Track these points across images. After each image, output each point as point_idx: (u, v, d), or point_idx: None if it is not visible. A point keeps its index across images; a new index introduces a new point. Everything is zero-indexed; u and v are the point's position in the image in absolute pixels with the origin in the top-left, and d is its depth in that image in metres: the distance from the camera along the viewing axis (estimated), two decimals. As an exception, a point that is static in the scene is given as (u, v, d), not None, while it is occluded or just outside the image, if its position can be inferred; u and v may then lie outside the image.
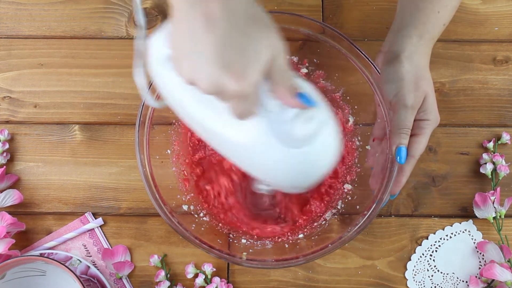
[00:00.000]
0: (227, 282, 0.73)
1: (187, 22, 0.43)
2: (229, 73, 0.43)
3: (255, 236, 0.71)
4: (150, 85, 0.63)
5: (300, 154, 0.50)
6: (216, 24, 0.42)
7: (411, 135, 0.65)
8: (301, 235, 0.71)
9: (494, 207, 0.74)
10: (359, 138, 0.74)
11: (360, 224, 0.65)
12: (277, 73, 0.46)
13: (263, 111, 0.48)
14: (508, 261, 0.72)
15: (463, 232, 0.76)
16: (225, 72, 0.43)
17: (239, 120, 0.47)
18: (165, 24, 0.50)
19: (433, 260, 0.74)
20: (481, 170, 0.77)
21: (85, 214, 0.75)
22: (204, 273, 0.72)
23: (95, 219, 0.75)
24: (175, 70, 0.46)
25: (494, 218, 0.74)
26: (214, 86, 0.44)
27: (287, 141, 0.49)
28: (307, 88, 0.50)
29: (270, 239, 0.71)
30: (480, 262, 0.74)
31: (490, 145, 0.78)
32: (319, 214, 0.73)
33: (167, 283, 0.72)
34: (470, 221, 0.76)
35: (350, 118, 0.75)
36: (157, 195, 0.66)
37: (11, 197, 0.74)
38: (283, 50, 0.45)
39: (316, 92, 0.51)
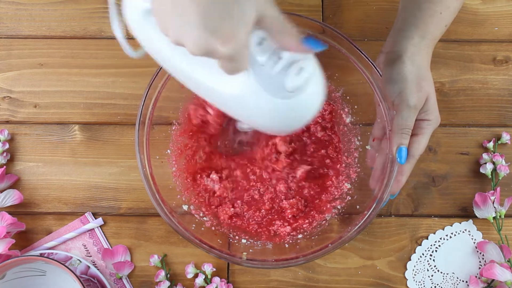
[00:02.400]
0: (227, 282, 0.73)
1: None
2: (216, 36, 0.43)
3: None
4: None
5: (289, 103, 0.51)
6: None
7: (412, 135, 0.65)
8: (300, 236, 0.71)
9: (494, 207, 0.74)
10: (359, 138, 0.74)
11: (360, 224, 0.65)
12: (273, 23, 0.46)
13: (253, 64, 0.49)
14: (508, 261, 0.72)
15: (463, 232, 0.76)
16: (212, 35, 0.43)
17: (229, 75, 0.48)
18: None
19: (433, 260, 0.74)
20: (481, 170, 0.77)
21: (85, 214, 0.76)
22: (204, 273, 0.72)
23: (95, 219, 0.75)
24: (160, 28, 0.46)
25: (494, 218, 0.74)
26: (202, 49, 0.44)
27: (277, 92, 0.50)
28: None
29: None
30: (480, 262, 0.75)
31: (490, 145, 0.78)
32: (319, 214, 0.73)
33: (167, 283, 0.72)
34: (470, 221, 0.76)
35: (349, 118, 0.76)
36: (157, 195, 0.66)
37: (11, 197, 0.74)
38: (270, 2, 0.46)
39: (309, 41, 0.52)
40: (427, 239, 0.75)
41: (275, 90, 0.50)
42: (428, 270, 0.74)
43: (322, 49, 0.49)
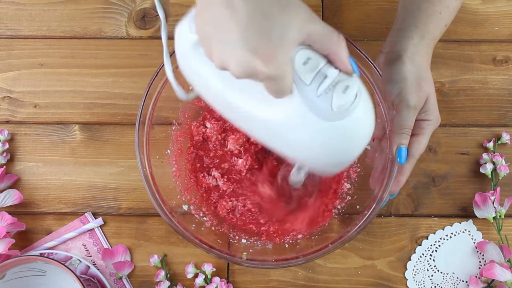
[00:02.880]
0: (227, 282, 0.73)
1: (209, 7, 0.44)
2: (258, 57, 0.43)
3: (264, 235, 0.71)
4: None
5: (337, 127, 0.49)
6: (237, 8, 0.42)
7: (412, 135, 0.65)
8: (300, 235, 0.71)
9: (494, 207, 0.74)
10: (359, 138, 0.74)
11: (360, 224, 0.65)
12: (324, 39, 0.46)
13: (299, 85, 0.47)
14: (508, 261, 0.72)
15: (463, 232, 0.76)
16: (253, 55, 0.43)
17: (275, 98, 0.47)
18: (188, 12, 0.50)
19: (433, 260, 0.74)
20: (481, 170, 0.77)
21: (85, 214, 0.76)
22: (204, 273, 0.72)
23: (95, 219, 0.75)
24: (206, 55, 0.46)
25: (494, 218, 0.74)
26: (245, 71, 0.44)
27: (324, 114, 0.48)
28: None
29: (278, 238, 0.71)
30: (480, 262, 0.75)
31: (490, 145, 0.78)
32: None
33: (167, 283, 0.72)
34: (470, 221, 0.76)
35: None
36: (157, 195, 0.66)
37: (11, 197, 0.74)
38: (313, 18, 0.45)
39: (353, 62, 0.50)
40: (427, 239, 0.75)
41: (321, 110, 0.48)
42: (428, 270, 0.74)
43: (358, 74, 0.48)
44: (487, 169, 0.76)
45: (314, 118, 0.48)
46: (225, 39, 0.44)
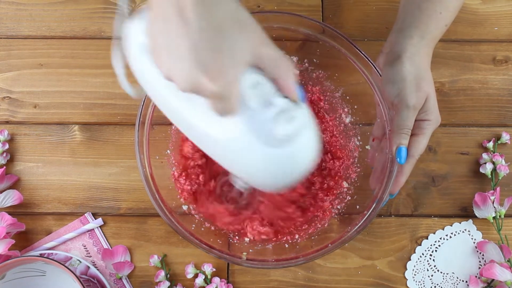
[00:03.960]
0: (227, 282, 0.73)
1: (163, 17, 0.43)
2: (205, 73, 0.42)
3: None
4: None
5: (279, 154, 0.49)
6: (190, 23, 0.41)
7: (412, 135, 0.65)
8: (296, 235, 0.71)
9: (494, 207, 0.74)
10: (359, 138, 0.74)
11: (360, 224, 0.65)
12: (274, 63, 0.46)
13: (244, 108, 0.48)
14: (508, 261, 0.72)
15: (463, 232, 0.76)
16: (200, 72, 0.42)
17: (219, 116, 0.47)
18: (144, 10, 0.49)
19: (433, 260, 0.74)
20: (481, 170, 0.77)
21: (85, 214, 0.75)
22: (204, 273, 0.72)
23: (95, 219, 0.75)
24: (155, 62, 0.46)
25: (494, 218, 0.74)
26: (190, 86, 0.43)
27: (267, 140, 0.49)
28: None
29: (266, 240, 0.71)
30: (480, 262, 0.75)
31: (490, 145, 0.78)
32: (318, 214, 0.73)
33: (167, 283, 0.72)
34: (470, 221, 0.76)
35: (349, 118, 0.76)
36: (157, 195, 0.66)
37: (11, 198, 0.74)
38: (267, 42, 0.45)
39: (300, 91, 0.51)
40: (427, 239, 0.75)
41: (265, 136, 0.48)
42: (428, 270, 0.74)
43: (301, 103, 0.49)
44: (487, 169, 0.76)
45: (256, 143, 0.49)
46: (174, 51, 0.43)
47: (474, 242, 0.75)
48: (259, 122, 0.48)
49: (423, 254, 0.75)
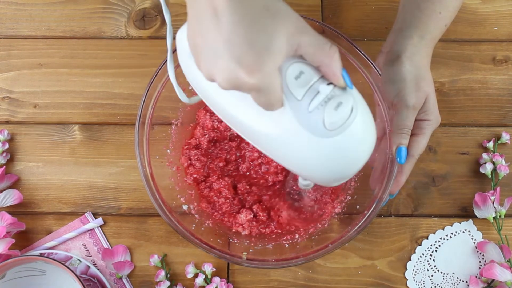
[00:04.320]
0: (227, 282, 0.73)
1: (196, 17, 0.43)
2: (242, 67, 0.42)
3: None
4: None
5: (332, 143, 0.47)
6: (223, 18, 0.41)
7: (412, 135, 0.65)
8: (296, 235, 0.71)
9: (494, 207, 0.74)
10: (359, 138, 0.74)
11: (360, 224, 0.65)
12: (315, 50, 0.44)
13: (290, 99, 0.46)
14: (508, 261, 0.72)
15: (463, 232, 0.76)
16: (238, 66, 0.42)
17: (265, 111, 0.46)
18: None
19: (433, 260, 0.74)
20: (481, 170, 0.77)
21: (85, 214, 0.76)
22: (204, 273, 0.72)
23: (95, 219, 0.75)
24: (196, 65, 0.46)
25: (494, 218, 0.74)
26: (230, 82, 0.43)
27: (316, 130, 0.46)
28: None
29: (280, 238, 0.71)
30: (480, 262, 0.75)
31: (490, 145, 0.78)
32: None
33: (167, 283, 0.72)
34: (470, 221, 0.76)
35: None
36: (157, 195, 0.66)
37: (11, 197, 0.74)
38: (305, 28, 0.44)
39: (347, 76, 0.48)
40: (427, 239, 0.75)
41: (313, 127, 0.46)
42: (428, 270, 0.74)
43: (351, 89, 0.47)
44: (487, 169, 0.76)
45: (307, 134, 0.47)
46: (211, 50, 0.43)
47: (474, 242, 0.75)
48: (306, 112, 0.46)
49: (423, 254, 0.75)
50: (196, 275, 0.72)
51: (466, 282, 0.74)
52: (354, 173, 0.51)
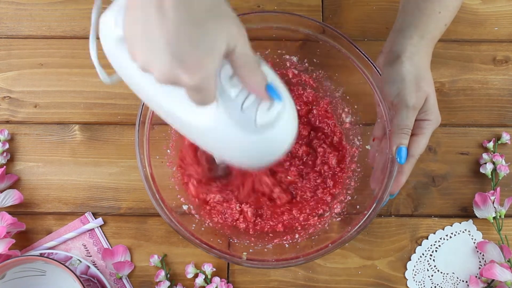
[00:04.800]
0: (227, 282, 0.73)
1: (141, 7, 0.43)
2: (182, 66, 0.42)
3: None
4: None
5: (259, 138, 0.51)
6: (168, 15, 0.41)
7: (412, 135, 0.65)
8: (296, 235, 0.71)
9: (494, 207, 0.74)
10: (359, 138, 0.74)
11: (360, 224, 0.65)
12: (241, 61, 0.46)
13: (223, 96, 0.48)
14: (508, 261, 0.72)
15: (463, 232, 0.76)
16: (178, 64, 0.42)
17: (197, 106, 0.47)
18: (114, 1, 0.49)
19: (433, 260, 0.74)
20: (481, 170, 0.77)
21: (85, 214, 0.76)
22: (204, 273, 0.72)
23: (95, 219, 0.75)
24: (130, 53, 0.46)
25: (494, 218, 0.74)
26: (167, 78, 0.43)
27: (247, 127, 0.50)
28: (271, 75, 0.50)
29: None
30: (480, 262, 0.75)
31: (490, 145, 0.78)
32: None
33: (167, 283, 0.72)
34: (470, 221, 0.76)
35: (349, 118, 0.76)
36: (157, 195, 0.66)
37: (11, 197, 0.74)
38: (242, 37, 0.45)
39: (277, 78, 0.51)
40: (427, 239, 0.75)
41: (245, 124, 0.49)
42: (428, 270, 0.74)
43: (279, 101, 0.49)
44: (487, 169, 0.76)
45: (236, 129, 0.50)
46: (151, 43, 0.43)
47: (474, 242, 0.75)
48: (239, 110, 0.49)
49: (423, 254, 0.75)
50: (196, 275, 0.72)
51: (466, 282, 0.74)
52: (276, 159, 0.55)
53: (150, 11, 0.42)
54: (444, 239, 0.75)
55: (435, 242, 0.75)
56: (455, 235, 0.76)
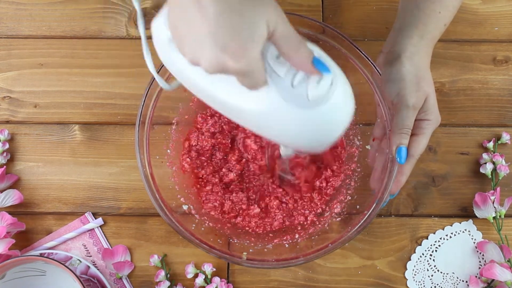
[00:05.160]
0: (227, 282, 0.73)
1: (180, 6, 0.45)
2: (227, 53, 0.44)
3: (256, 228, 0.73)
4: (161, 68, 0.64)
5: (315, 114, 0.50)
6: (206, 8, 0.43)
7: (412, 135, 0.65)
8: (296, 235, 0.71)
9: (494, 207, 0.74)
10: (359, 138, 0.74)
11: (360, 224, 0.65)
12: (284, 41, 0.47)
13: (273, 77, 0.49)
14: (508, 261, 0.72)
15: (463, 232, 0.76)
16: (223, 52, 0.44)
17: (249, 90, 0.49)
18: (163, 7, 0.51)
19: (433, 260, 0.74)
20: (481, 170, 0.77)
21: (85, 214, 0.76)
22: (204, 273, 0.72)
23: (95, 219, 0.75)
24: (179, 51, 0.48)
25: (494, 218, 0.74)
26: (215, 67, 0.45)
27: (300, 104, 0.50)
28: (317, 51, 0.51)
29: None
30: (480, 262, 0.75)
31: (490, 145, 0.78)
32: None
33: (167, 283, 0.72)
34: (470, 221, 0.76)
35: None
36: (157, 195, 0.66)
37: (11, 197, 0.74)
38: (281, 18, 0.46)
39: (324, 54, 0.51)
40: (427, 239, 0.75)
41: (297, 101, 0.49)
42: (428, 270, 0.74)
43: (327, 74, 0.49)
44: (487, 169, 0.76)
45: (291, 108, 0.50)
46: (195, 36, 0.45)
47: (474, 242, 0.75)
48: (290, 88, 0.49)
49: (423, 254, 0.75)
50: (196, 275, 0.72)
51: (466, 282, 0.74)
52: (335, 138, 0.54)
53: (189, 7, 0.44)
54: (444, 239, 0.75)
55: (435, 242, 0.75)
56: (455, 235, 0.76)
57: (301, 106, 0.50)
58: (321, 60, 0.49)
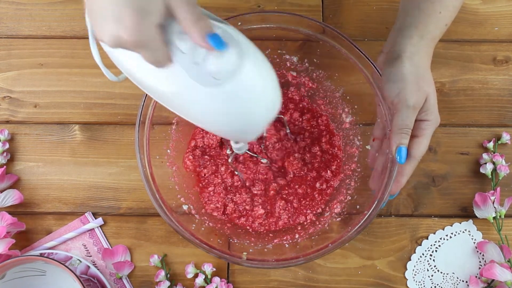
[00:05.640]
0: (227, 282, 0.73)
1: None
2: (122, 26, 0.46)
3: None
4: None
5: (223, 92, 0.48)
6: None
7: (412, 136, 0.65)
8: (296, 235, 0.71)
9: (494, 207, 0.74)
10: (359, 138, 0.74)
11: (360, 224, 0.65)
12: (181, 13, 0.47)
13: (176, 54, 0.48)
14: (508, 261, 0.72)
15: (463, 232, 0.76)
16: (118, 26, 0.46)
17: (156, 68, 0.49)
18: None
19: (433, 260, 0.74)
20: (481, 170, 0.77)
21: (85, 214, 0.76)
22: (204, 273, 0.72)
23: (95, 219, 0.75)
24: (95, 34, 0.49)
25: (494, 218, 0.74)
26: (113, 40, 0.47)
27: (205, 81, 0.48)
28: (224, 28, 0.49)
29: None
30: (480, 262, 0.75)
31: (490, 145, 0.78)
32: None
33: (167, 283, 0.72)
34: (470, 221, 0.76)
35: (349, 118, 0.76)
36: (157, 195, 0.66)
37: (11, 197, 0.74)
38: None
39: (235, 32, 0.50)
40: (427, 239, 0.75)
41: (202, 78, 0.48)
42: (428, 270, 0.74)
43: (221, 50, 0.48)
44: (487, 169, 0.76)
45: (199, 86, 0.48)
46: (101, 13, 0.47)
47: (474, 242, 0.75)
48: (194, 64, 0.48)
49: (423, 254, 0.75)
50: (196, 275, 0.72)
51: (466, 282, 0.74)
52: (258, 124, 0.52)
53: None
54: (444, 239, 0.75)
55: (435, 242, 0.75)
56: (455, 235, 0.76)
57: (206, 84, 0.48)
58: (218, 35, 0.47)
